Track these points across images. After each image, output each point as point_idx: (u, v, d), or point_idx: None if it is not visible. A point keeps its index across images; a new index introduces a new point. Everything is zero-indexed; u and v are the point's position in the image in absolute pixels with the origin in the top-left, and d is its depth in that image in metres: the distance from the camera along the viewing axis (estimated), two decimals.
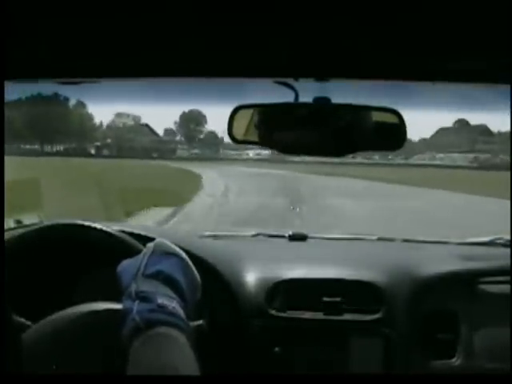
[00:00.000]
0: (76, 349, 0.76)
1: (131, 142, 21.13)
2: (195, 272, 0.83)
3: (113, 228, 1.13)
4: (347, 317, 1.25)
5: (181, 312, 0.71)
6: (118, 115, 21.04)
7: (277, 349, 1.23)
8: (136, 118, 21.58)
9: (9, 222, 1.49)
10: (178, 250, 0.83)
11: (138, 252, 0.83)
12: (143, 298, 0.70)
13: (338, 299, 1.26)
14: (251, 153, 17.48)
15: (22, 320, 1.00)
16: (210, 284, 1.24)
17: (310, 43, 0.76)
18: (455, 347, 1.29)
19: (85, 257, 1.12)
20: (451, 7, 0.63)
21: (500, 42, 0.72)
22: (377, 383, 1.21)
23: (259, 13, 0.67)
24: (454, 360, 1.28)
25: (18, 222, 1.53)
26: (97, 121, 22.02)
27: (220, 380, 0.97)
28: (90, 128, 21.34)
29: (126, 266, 0.81)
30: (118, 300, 0.79)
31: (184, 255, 0.83)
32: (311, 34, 0.73)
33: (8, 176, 0.83)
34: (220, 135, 21.39)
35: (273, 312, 1.25)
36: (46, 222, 1.31)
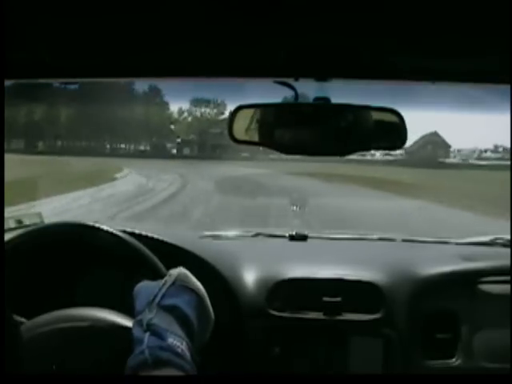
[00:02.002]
0: (76, 350, 0.76)
1: (216, 138, 16.51)
2: (211, 311, 0.82)
3: (113, 228, 1.13)
4: (347, 317, 1.25)
5: (187, 354, 0.70)
6: (197, 102, 16.92)
7: (277, 349, 1.23)
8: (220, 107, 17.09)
9: (9, 222, 1.49)
10: (198, 284, 0.82)
11: (138, 253, 0.83)
12: (154, 332, 0.70)
13: (338, 299, 1.26)
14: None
15: (22, 320, 1.00)
16: (210, 284, 1.24)
17: (310, 43, 0.76)
18: (455, 347, 1.29)
19: (85, 257, 1.12)
20: (451, 7, 0.63)
21: (500, 42, 0.72)
22: (377, 383, 1.21)
23: (259, 13, 0.67)
24: (453, 360, 1.28)
25: (18, 221, 1.53)
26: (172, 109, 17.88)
27: (220, 380, 0.97)
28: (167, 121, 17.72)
29: (144, 288, 0.80)
30: (118, 307, 0.79)
31: (203, 291, 0.82)
32: (311, 34, 0.73)
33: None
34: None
35: (273, 312, 1.25)
36: (46, 222, 1.31)
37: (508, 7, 0.61)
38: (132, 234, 1.14)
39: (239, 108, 0.93)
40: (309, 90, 0.88)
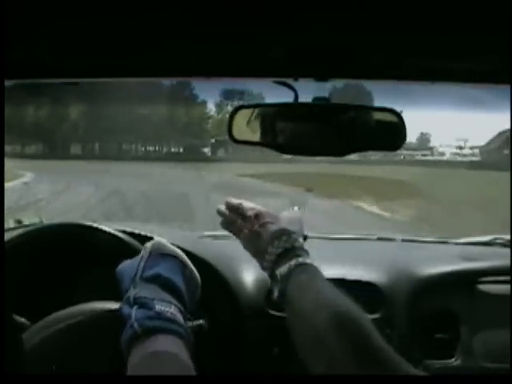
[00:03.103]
0: (76, 349, 0.76)
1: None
2: (194, 271, 0.83)
3: (113, 228, 1.13)
4: None
5: (179, 317, 0.71)
6: (229, 96, 15.05)
7: (277, 349, 1.23)
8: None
9: (9, 222, 1.49)
10: (175, 249, 0.83)
11: (139, 252, 0.83)
12: (141, 304, 0.70)
13: None
14: None
15: (22, 320, 1.00)
16: (210, 284, 1.24)
17: (310, 43, 0.76)
18: (455, 347, 1.29)
19: (85, 257, 1.12)
20: (451, 7, 0.63)
21: (500, 42, 0.72)
22: (377, 383, 1.21)
23: (259, 13, 0.67)
24: (453, 360, 1.28)
25: (18, 221, 1.53)
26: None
27: (220, 380, 0.97)
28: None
29: (125, 268, 0.81)
30: (117, 300, 0.79)
31: (182, 255, 0.83)
32: (311, 34, 0.73)
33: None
34: None
35: (273, 312, 1.25)
36: (46, 222, 1.31)
37: (508, 7, 0.61)
38: (132, 234, 1.14)
39: (239, 108, 0.93)
40: (309, 90, 0.88)
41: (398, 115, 0.91)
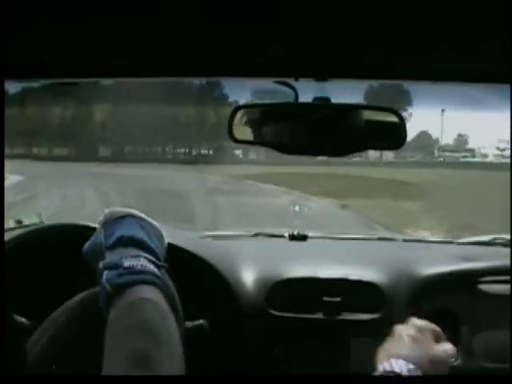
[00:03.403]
0: (76, 349, 0.76)
1: None
2: (152, 222, 0.82)
3: None
4: (347, 317, 1.25)
5: (151, 267, 0.71)
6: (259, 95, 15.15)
7: (277, 349, 1.23)
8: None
9: (9, 222, 1.49)
10: (128, 209, 0.82)
11: None
12: (110, 267, 0.70)
13: (338, 299, 1.26)
14: None
15: (22, 320, 1.00)
16: (210, 284, 1.24)
17: (310, 43, 0.76)
18: (455, 347, 1.29)
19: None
20: (451, 7, 0.63)
21: (500, 42, 0.71)
22: (377, 383, 1.21)
23: (259, 13, 0.67)
24: (453, 360, 1.28)
25: (18, 222, 1.53)
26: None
27: (220, 380, 0.97)
28: None
29: (89, 248, 0.81)
30: None
31: (136, 212, 0.82)
32: (311, 34, 0.73)
33: None
34: None
35: (273, 312, 1.25)
36: (46, 223, 1.31)
37: (508, 7, 0.61)
38: None
39: (239, 108, 0.93)
40: (309, 90, 0.88)
41: (399, 115, 0.91)
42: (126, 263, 0.70)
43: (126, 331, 0.63)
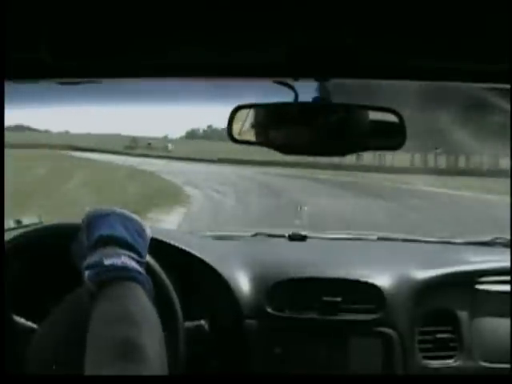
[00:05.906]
0: (75, 349, 0.76)
1: None
2: (134, 218, 0.82)
3: None
4: (347, 317, 1.25)
5: (133, 264, 0.72)
6: None
7: (277, 349, 1.23)
8: None
9: (9, 222, 1.49)
10: (108, 208, 0.82)
11: None
12: (92, 267, 0.71)
13: (337, 299, 1.26)
14: None
15: (22, 320, 1.00)
16: (210, 284, 1.24)
17: (310, 43, 0.76)
18: (455, 347, 1.29)
19: None
20: (451, 7, 0.63)
21: (500, 42, 0.72)
22: (377, 383, 1.21)
23: (259, 13, 0.67)
24: (453, 360, 1.28)
25: (18, 222, 1.52)
26: None
27: (220, 380, 0.97)
28: None
29: (75, 250, 0.82)
30: None
31: (117, 209, 0.82)
32: (311, 34, 0.73)
33: None
34: None
35: (273, 312, 1.25)
36: (46, 223, 1.31)
37: (508, 8, 0.61)
38: None
39: (238, 108, 0.93)
40: (309, 90, 0.88)
41: (398, 115, 0.91)
42: (107, 262, 0.70)
43: (109, 323, 0.64)
